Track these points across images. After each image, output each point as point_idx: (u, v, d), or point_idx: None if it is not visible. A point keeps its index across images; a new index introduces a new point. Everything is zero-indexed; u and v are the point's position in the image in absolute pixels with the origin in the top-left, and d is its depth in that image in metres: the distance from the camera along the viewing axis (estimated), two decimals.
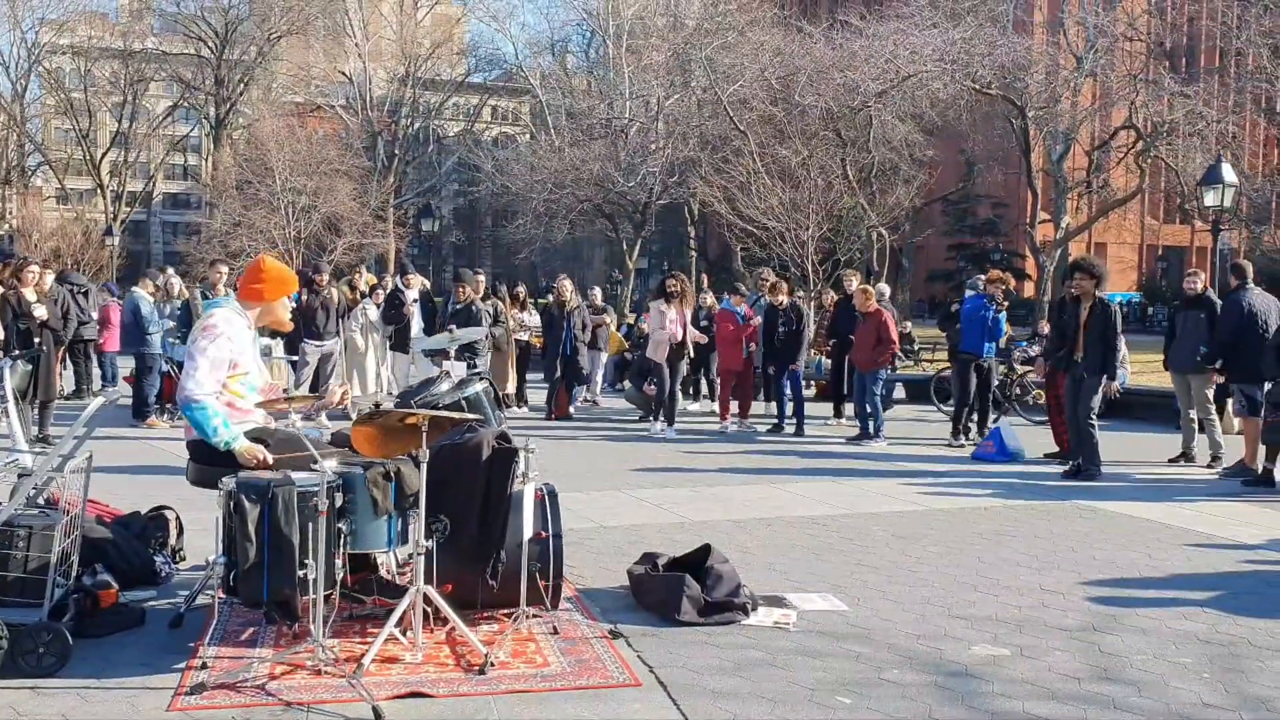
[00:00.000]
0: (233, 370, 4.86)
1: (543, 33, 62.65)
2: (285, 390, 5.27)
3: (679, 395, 14.29)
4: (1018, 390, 14.74)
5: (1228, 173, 17.66)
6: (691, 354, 12.84)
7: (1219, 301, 10.45)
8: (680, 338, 12.17)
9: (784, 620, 5.01)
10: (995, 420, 11.89)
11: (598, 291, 18.17)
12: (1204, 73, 36.96)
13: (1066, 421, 10.07)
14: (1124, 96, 31.51)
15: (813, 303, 19.03)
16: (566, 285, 14.08)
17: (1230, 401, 10.92)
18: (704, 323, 14.71)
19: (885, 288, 16.17)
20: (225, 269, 12.57)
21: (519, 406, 13.99)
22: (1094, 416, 9.54)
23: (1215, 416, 10.50)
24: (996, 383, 12.78)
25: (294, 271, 5.37)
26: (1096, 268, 9.96)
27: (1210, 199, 18.02)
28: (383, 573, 5.06)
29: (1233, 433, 11.32)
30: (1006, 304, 11.62)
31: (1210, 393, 10.43)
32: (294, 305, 5.27)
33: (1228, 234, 33.78)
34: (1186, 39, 41.08)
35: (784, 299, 12.70)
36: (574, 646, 4.59)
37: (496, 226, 52.60)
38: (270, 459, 4.67)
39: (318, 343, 12.39)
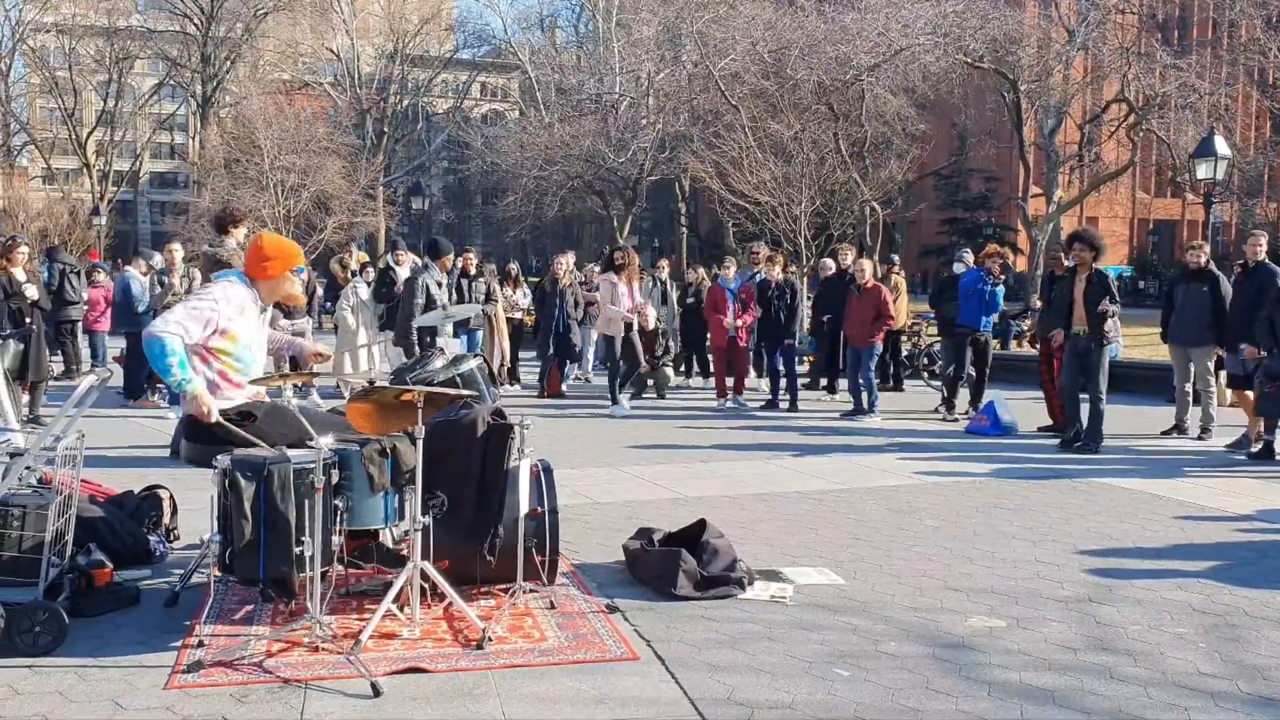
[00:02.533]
0: (220, 337, 4.82)
1: (531, 7, 62.53)
2: (278, 368, 5.25)
3: (670, 373, 14.32)
4: (924, 360, 15.00)
5: (1220, 145, 17.70)
6: (646, 326, 12.97)
7: (1220, 275, 10.43)
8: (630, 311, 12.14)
9: (780, 594, 5.02)
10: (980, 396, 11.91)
11: (595, 268, 18.09)
12: (1197, 45, 36.87)
13: (1060, 391, 10.10)
14: (1116, 69, 31.46)
15: (805, 278, 19.03)
16: (562, 263, 14.03)
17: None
18: (691, 299, 14.73)
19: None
20: (178, 247, 12.54)
21: (511, 384, 13.98)
22: (1104, 391, 9.52)
23: (1214, 389, 10.52)
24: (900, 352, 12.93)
25: (295, 244, 5.33)
26: (1096, 239, 9.95)
27: (1203, 172, 18.06)
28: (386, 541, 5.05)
29: (1225, 405, 11.39)
30: (1004, 278, 11.64)
31: (1211, 365, 10.44)
32: (302, 276, 5.23)
33: (1220, 207, 33.84)
34: (1179, 11, 40.97)
35: (778, 273, 12.67)
36: (571, 621, 4.60)
37: (486, 204, 52.52)
38: (215, 415, 4.64)
39: (289, 322, 12.32)
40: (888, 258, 15.99)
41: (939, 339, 13.74)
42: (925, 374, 15.06)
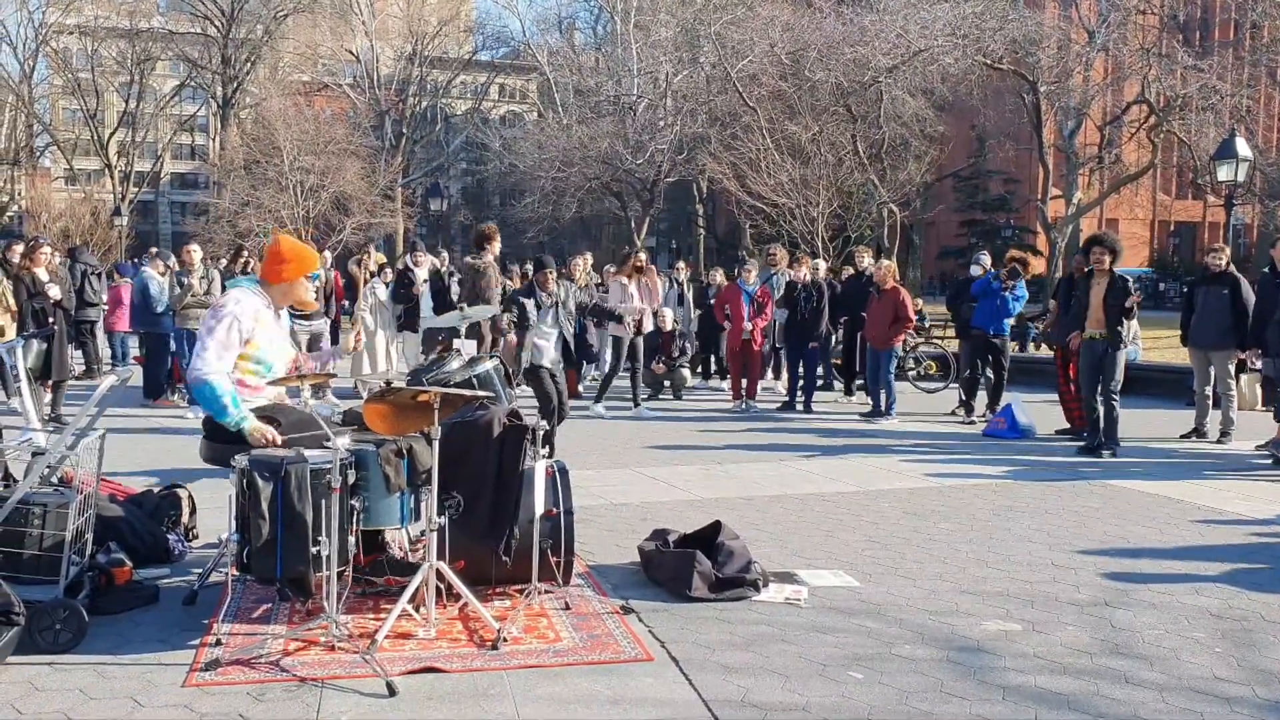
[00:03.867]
0: (244, 345, 4.87)
1: (550, 9, 62.57)
2: (296, 367, 5.29)
3: (687, 375, 14.33)
4: (911, 362, 15.06)
5: (1241, 147, 17.58)
6: (664, 327, 13.12)
7: (1241, 278, 10.37)
8: (638, 313, 12.32)
9: (795, 596, 5.02)
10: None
11: (611, 269, 18.10)
12: (1218, 46, 36.67)
13: (1080, 397, 10.06)
14: (1136, 71, 31.33)
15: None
16: (579, 263, 14.06)
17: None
18: (712, 301, 14.73)
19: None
20: (196, 248, 12.63)
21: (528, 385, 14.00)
22: (1117, 393, 9.49)
23: (1234, 393, 10.45)
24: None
25: (313, 250, 5.37)
26: (1115, 243, 9.93)
27: (1224, 174, 17.94)
28: (394, 550, 5.09)
29: (1245, 409, 11.30)
30: (1011, 283, 11.57)
31: (1232, 368, 10.37)
32: (316, 283, 5.27)
33: (1241, 209, 33.59)
34: (1200, 12, 40.74)
35: (806, 274, 12.64)
36: (586, 622, 4.61)
37: (504, 205, 52.59)
38: (279, 439, 4.69)
39: (306, 322, 12.33)
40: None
41: (925, 342, 13.80)
42: (910, 375, 15.01)
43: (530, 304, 9.15)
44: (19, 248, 10.68)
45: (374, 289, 13.43)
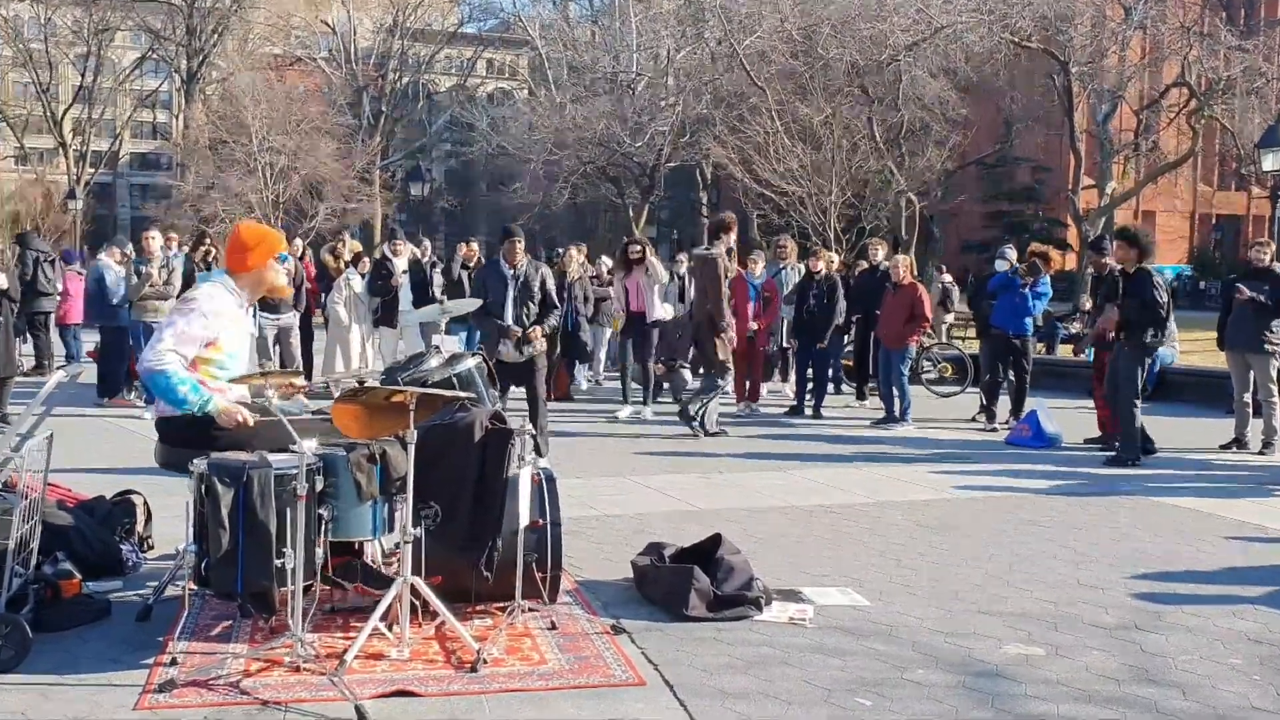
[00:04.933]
0: (207, 348, 4.87)
1: None
2: (261, 366, 5.30)
3: (687, 376, 14.32)
4: (925, 364, 15.14)
5: None
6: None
7: None
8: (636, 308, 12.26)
9: (800, 616, 5.03)
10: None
11: (607, 262, 18.08)
12: (1264, 25, 36.67)
13: (1106, 402, 10.08)
14: (1176, 51, 31.29)
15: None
16: (573, 255, 14.05)
17: None
18: None
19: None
20: (156, 234, 12.60)
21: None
22: (1137, 395, 9.50)
23: (1276, 399, 10.44)
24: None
25: (277, 231, 5.38)
26: (1138, 237, 9.95)
27: (1269, 163, 17.99)
28: (366, 559, 5.08)
29: None
30: (1030, 279, 11.56)
31: (1274, 373, 10.37)
32: (286, 266, 5.26)
33: None
34: None
35: (822, 268, 12.62)
36: (573, 643, 4.61)
37: (492, 191, 52.59)
38: (251, 419, 4.70)
39: (274, 316, 12.30)
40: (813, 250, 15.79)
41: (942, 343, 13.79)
42: (924, 378, 15.03)
43: (496, 283, 9.08)
44: None
45: (349, 280, 13.42)
